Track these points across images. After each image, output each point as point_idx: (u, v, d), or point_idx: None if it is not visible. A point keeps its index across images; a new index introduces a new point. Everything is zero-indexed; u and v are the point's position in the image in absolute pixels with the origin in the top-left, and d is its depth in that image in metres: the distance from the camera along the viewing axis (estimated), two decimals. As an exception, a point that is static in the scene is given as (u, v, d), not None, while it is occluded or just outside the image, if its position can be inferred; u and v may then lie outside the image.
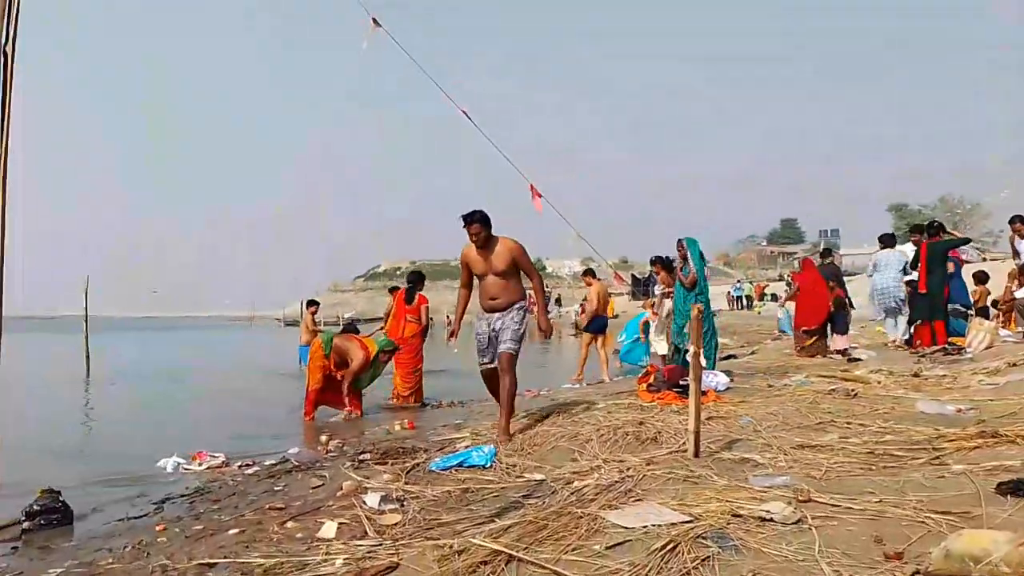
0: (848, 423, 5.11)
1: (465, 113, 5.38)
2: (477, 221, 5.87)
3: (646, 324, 12.95)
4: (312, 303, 14.18)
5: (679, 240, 8.33)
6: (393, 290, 14.12)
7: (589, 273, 12.76)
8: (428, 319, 9.72)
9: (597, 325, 12.06)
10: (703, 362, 7.63)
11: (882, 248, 11.53)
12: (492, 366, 6.00)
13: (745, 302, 39.12)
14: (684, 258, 8.27)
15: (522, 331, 5.97)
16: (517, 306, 6.02)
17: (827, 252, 13.09)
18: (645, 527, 2.90)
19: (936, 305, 9.91)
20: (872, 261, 11.64)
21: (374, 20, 5.13)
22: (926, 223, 11.22)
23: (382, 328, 12.69)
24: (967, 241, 12.41)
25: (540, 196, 6.03)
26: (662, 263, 10.49)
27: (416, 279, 9.97)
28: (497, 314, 6.02)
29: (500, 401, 5.91)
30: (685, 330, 8.00)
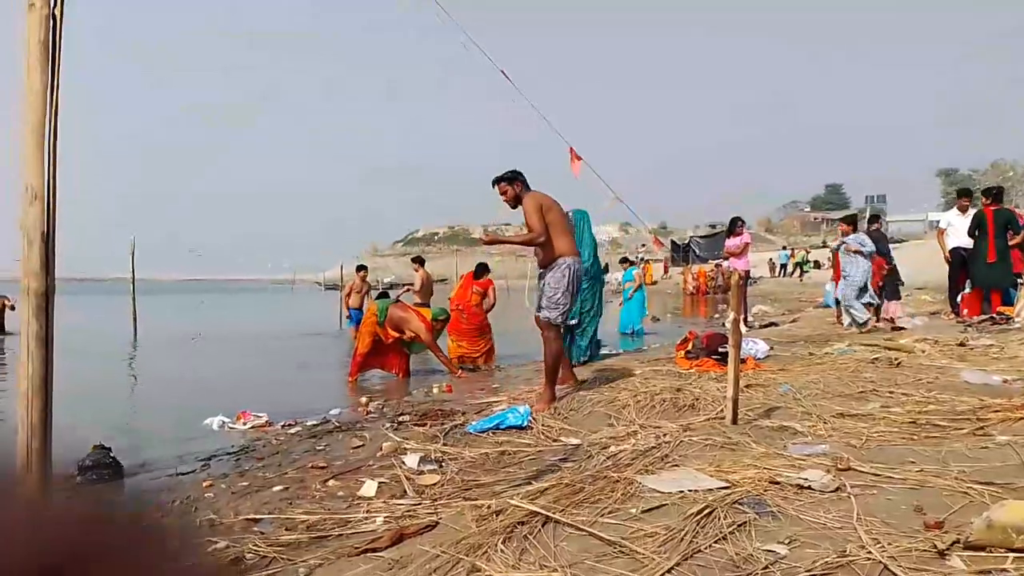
0: (890, 392, 5.04)
1: (504, 73, 5.34)
2: (497, 181, 5.80)
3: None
4: (361, 267, 14.56)
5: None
6: (416, 260, 14.44)
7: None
8: (495, 298, 10.10)
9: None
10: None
11: (853, 231, 10.74)
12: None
13: (791, 269, 38.51)
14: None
15: (558, 295, 5.68)
16: (557, 263, 5.73)
17: (874, 218, 12.72)
18: (681, 492, 2.91)
19: (1005, 274, 9.65)
20: (864, 242, 10.99)
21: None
22: (986, 188, 10.80)
23: (408, 290, 12.96)
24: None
25: (579, 159, 5.97)
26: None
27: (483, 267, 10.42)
28: (544, 271, 5.86)
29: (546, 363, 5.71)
30: (585, 308, 7.95)
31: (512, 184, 5.76)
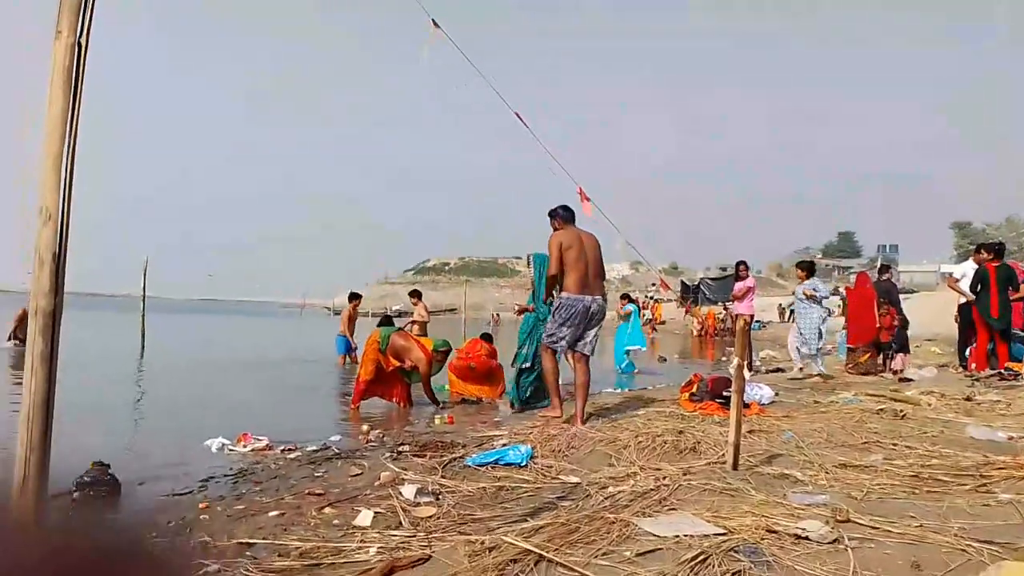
0: (894, 444, 5.01)
1: (518, 116, 5.41)
2: (550, 216, 6.64)
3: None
4: (355, 296, 14.72)
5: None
6: (414, 294, 14.76)
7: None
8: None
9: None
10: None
11: (808, 277, 10.96)
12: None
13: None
14: (531, 281, 8.15)
15: (551, 325, 6.54)
16: (558, 298, 6.56)
17: (885, 268, 12.73)
18: (677, 537, 2.89)
19: (1007, 329, 9.66)
20: (819, 289, 10.94)
21: (433, 22, 5.19)
22: (987, 244, 10.83)
23: (413, 323, 13.21)
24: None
25: (589, 200, 6.05)
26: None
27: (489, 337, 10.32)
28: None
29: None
30: (523, 350, 7.92)
31: (554, 219, 6.64)
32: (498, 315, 45.69)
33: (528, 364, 7.80)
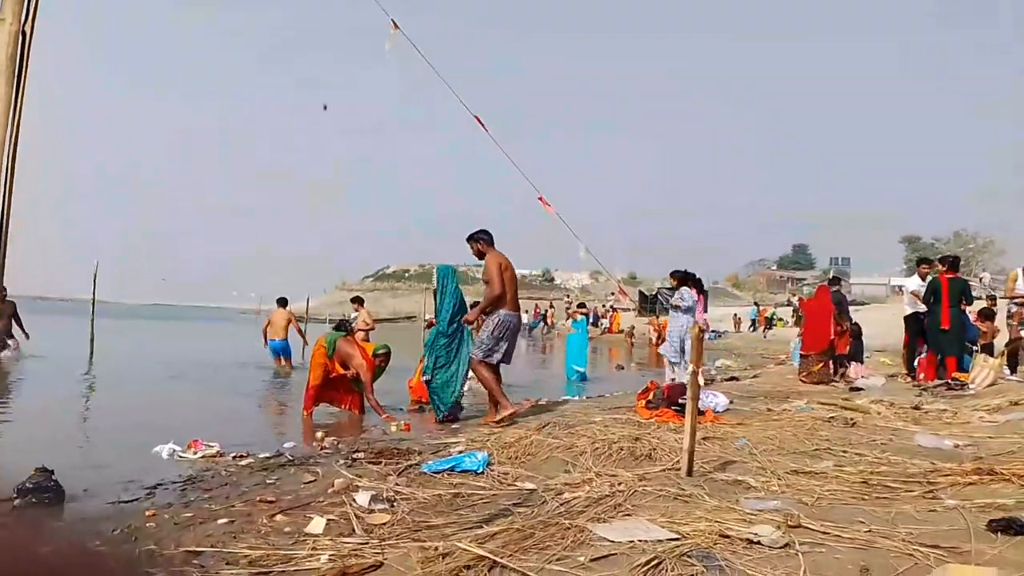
0: (844, 451, 5.10)
1: (478, 119, 5.40)
2: (469, 239, 7.32)
3: None
4: (283, 300, 15.40)
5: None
6: (356, 300, 14.93)
7: (357, 300, 14.99)
8: None
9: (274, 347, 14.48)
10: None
11: (680, 285, 10.92)
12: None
13: (764, 323, 38.84)
14: (433, 293, 8.19)
15: (483, 336, 7.25)
16: (493, 314, 7.21)
17: (835, 280, 13.00)
18: (631, 542, 2.90)
19: (955, 341, 9.88)
20: (685, 297, 10.79)
21: (394, 23, 5.17)
22: (942, 256, 11.12)
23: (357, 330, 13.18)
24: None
25: (551, 208, 6.08)
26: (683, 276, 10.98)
27: None
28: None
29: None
30: (439, 364, 7.82)
31: (479, 242, 7.30)
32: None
33: (428, 377, 7.81)
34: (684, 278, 10.87)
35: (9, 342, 13.79)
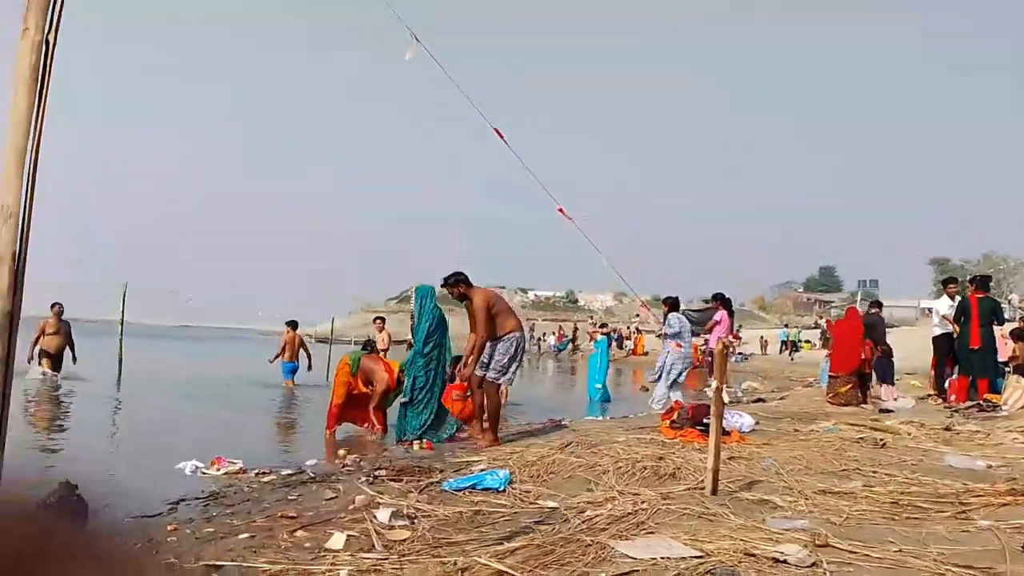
0: (874, 472, 4.99)
1: (498, 132, 5.41)
2: (445, 283, 7.29)
3: None
4: (292, 323, 15.73)
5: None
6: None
7: (291, 324, 15.39)
8: None
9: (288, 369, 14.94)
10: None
11: (670, 311, 10.98)
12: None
13: (790, 347, 38.42)
14: (411, 315, 8.24)
15: (504, 361, 7.20)
16: (505, 338, 7.21)
17: (876, 304, 12.84)
18: (654, 559, 2.84)
19: (986, 360, 9.70)
20: (675, 324, 10.93)
21: (413, 36, 5.22)
22: (972, 277, 10.96)
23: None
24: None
25: (571, 219, 6.04)
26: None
27: None
28: (494, 342, 7.26)
29: (477, 411, 7.35)
30: (418, 384, 7.83)
31: (456, 286, 7.23)
32: None
33: (407, 398, 7.82)
34: (675, 304, 10.96)
35: (44, 371, 13.34)
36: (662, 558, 2.84)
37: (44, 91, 1.80)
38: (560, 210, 5.96)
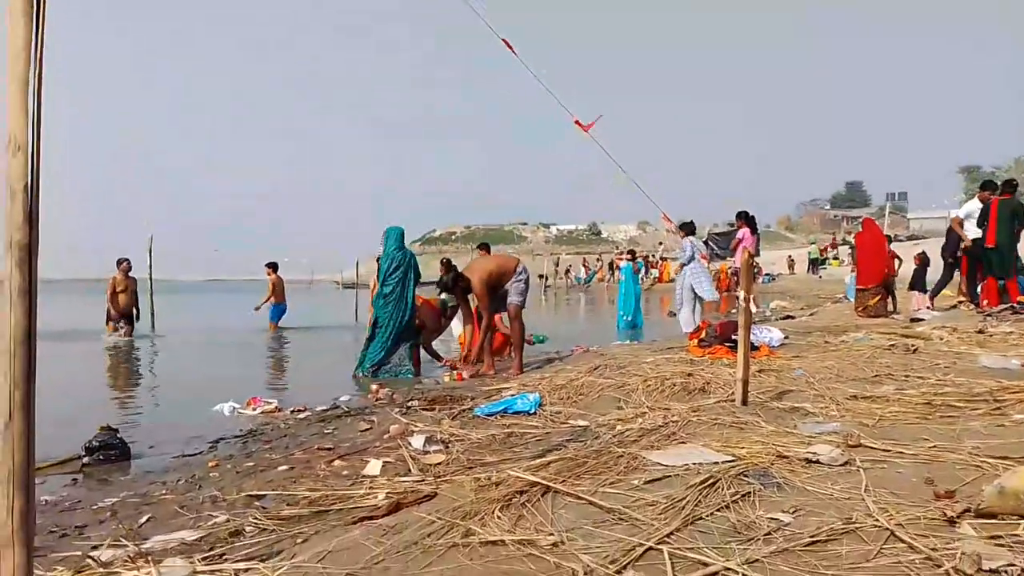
0: (906, 376, 4.96)
1: (507, 43, 5.26)
2: (448, 290, 7.85)
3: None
4: (273, 265, 15.69)
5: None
6: (270, 265, 15.52)
7: (271, 266, 15.45)
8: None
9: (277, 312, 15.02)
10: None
11: (686, 235, 10.87)
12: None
13: (816, 265, 38.00)
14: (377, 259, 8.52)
15: (522, 287, 7.76)
16: (517, 274, 7.75)
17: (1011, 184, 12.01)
18: (686, 465, 2.86)
19: (1006, 262, 9.55)
20: (688, 249, 10.68)
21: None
22: (1001, 181, 10.68)
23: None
24: None
25: (586, 129, 5.92)
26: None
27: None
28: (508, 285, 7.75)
29: (514, 345, 7.76)
30: (383, 321, 8.08)
31: (456, 285, 7.70)
32: None
33: (369, 334, 8.17)
34: (691, 228, 11.10)
35: (119, 338, 13.04)
36: (694, 463, 2.86)
37: (41, 18, 1.76)
38: (576, 122, 5.85)
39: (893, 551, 1.97)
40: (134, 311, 13.53)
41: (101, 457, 4.37)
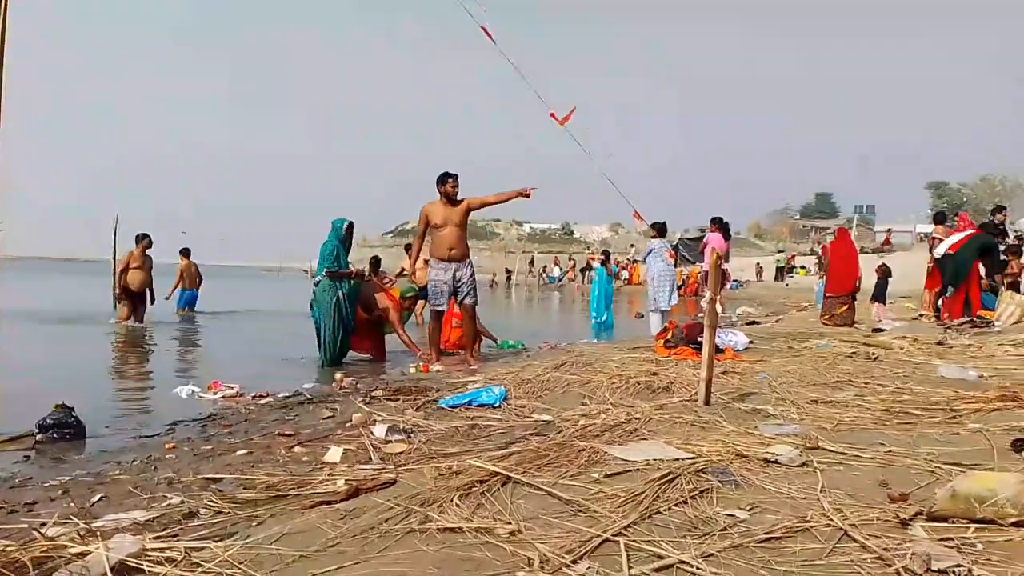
0: (866, 383, 5.03)
1: (485, 30, 5.25)
2: (457, 176, 7.37)
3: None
4: (186, 251, 15.66)
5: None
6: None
7: (184, 252, 15.45)
8: None
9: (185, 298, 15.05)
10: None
11: (654, 237, 11.23)
12: (443, 310, 7.64)
13: (786, 272, 38.52)
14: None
15: (475, 284, 7.69)
16: (469, 260, 7.61)
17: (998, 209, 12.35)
18: (647, 461, 2.87)
19: (959, 273, 9.76)
20: (649, 248, 11.24)
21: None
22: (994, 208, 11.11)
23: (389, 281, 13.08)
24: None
25: (561, 123, 5.94)
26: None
27: None
28: (455, 264, 7.46)
29: (467, 339, 7.82)
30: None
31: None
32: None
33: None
34: (661, 230, 11.32)
35: (129, 324, 12.29)
36: (655, 459, 2.87)
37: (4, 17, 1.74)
38: (552, 115, 5.86)
39: (846, 550, 2.00)
40: (147, 292, 12.79)
41: (55, 435, 4.28)
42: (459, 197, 7.40)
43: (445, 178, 7.37)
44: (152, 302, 13.00)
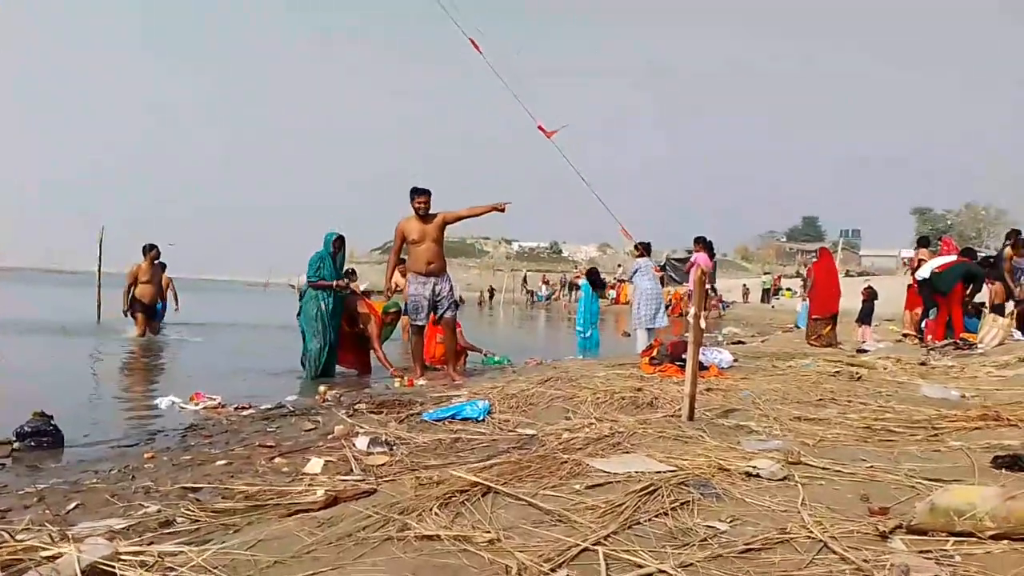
0: (849, 401, 5.05)
1: (473, 42, 5.27)
2: (427, 192, 7.34)
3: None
4: (152, 246, 13.86)
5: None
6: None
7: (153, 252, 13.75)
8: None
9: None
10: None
11: (640, 256, 11.20)
12: (422, 324, 7.64)
13: (771, 293, 38.76)
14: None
15: (455, 299, 7.77)
16: (447, 274, 7.62)
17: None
18: (629, 473, 2.86)
19: (943, 289, 9.84)
20: (635, 267, 11.19)
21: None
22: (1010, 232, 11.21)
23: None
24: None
25: (548, 136, 5.96)
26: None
27: None
28: (434, 278, 7.45)
29: (449, 353, 7.79)
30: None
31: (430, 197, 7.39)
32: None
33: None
34: (646, 250, 11.22)
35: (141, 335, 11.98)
36: (636, 471, 2.86)
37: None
38: (540, 128, 5.88)
39: (825, 562, 1.99)
40: (160, 303, 12.57)
41: (33, 443, 4.23)
42: (432, 211, 7.37)
43: (413, 195, 7.38)
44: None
